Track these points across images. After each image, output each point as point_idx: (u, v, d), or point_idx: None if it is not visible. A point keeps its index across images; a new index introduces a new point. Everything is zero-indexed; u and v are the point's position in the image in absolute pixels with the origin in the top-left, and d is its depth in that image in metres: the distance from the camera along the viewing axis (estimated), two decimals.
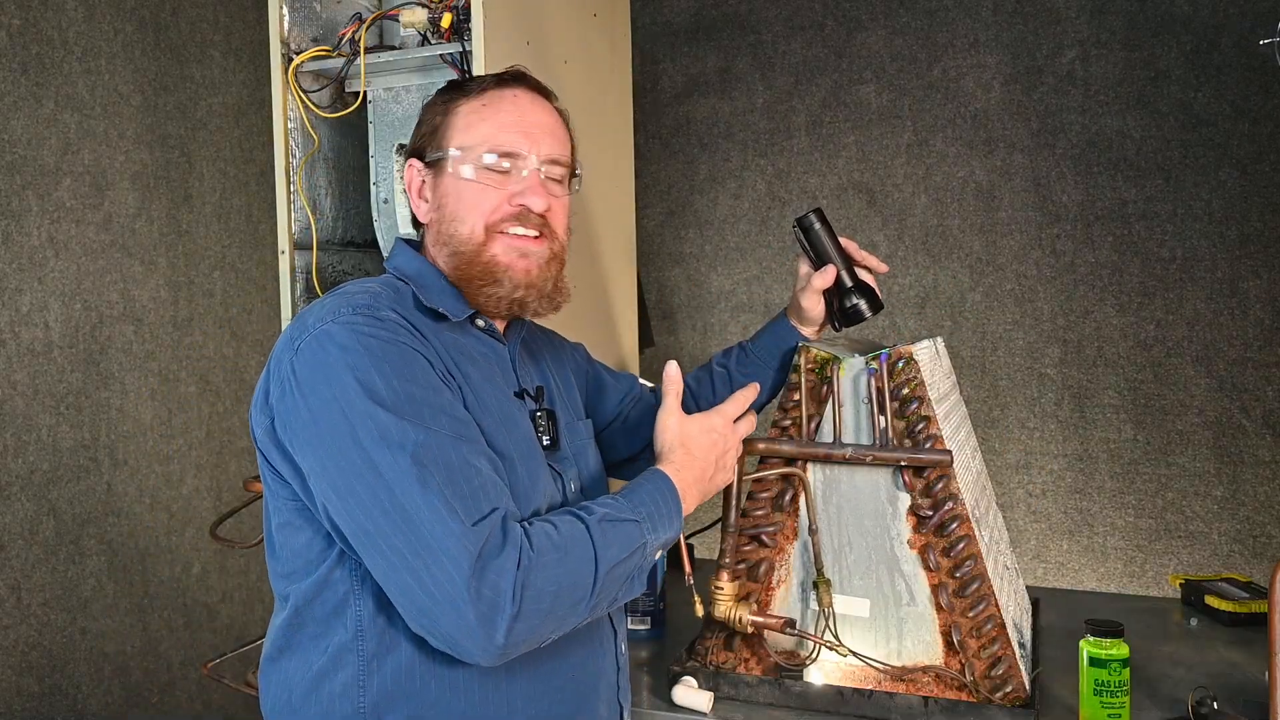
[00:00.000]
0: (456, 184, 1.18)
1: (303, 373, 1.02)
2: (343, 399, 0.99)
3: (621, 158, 2.13)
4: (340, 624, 1.07)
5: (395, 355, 1.03)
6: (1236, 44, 2.58)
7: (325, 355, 1.02)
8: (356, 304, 1.07)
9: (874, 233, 2.92)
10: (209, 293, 2.62)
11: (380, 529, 0.97)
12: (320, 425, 1.00)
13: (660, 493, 1.13)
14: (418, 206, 1.23)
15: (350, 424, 0.98)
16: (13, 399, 2.11)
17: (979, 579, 1.30)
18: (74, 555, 2.23)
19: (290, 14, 1.72)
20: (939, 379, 1.47)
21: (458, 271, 1.19)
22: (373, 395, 0.99)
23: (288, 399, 1.03)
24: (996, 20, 2.79)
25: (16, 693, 2.09)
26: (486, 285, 1.17)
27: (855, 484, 1.36)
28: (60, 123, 2.22)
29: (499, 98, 1.20)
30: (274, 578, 1.13)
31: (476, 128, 1.18)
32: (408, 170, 1.23)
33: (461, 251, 1.18)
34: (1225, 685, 1.42)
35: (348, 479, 0.98)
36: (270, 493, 1.11)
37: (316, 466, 1.01)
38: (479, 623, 0.94)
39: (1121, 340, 2.70)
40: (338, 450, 0.99)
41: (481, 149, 1.17)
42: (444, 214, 1.19)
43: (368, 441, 0.98)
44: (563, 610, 1.00)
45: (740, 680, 1.39)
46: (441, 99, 1.23)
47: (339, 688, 1.07)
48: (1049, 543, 2.77)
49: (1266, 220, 2.57)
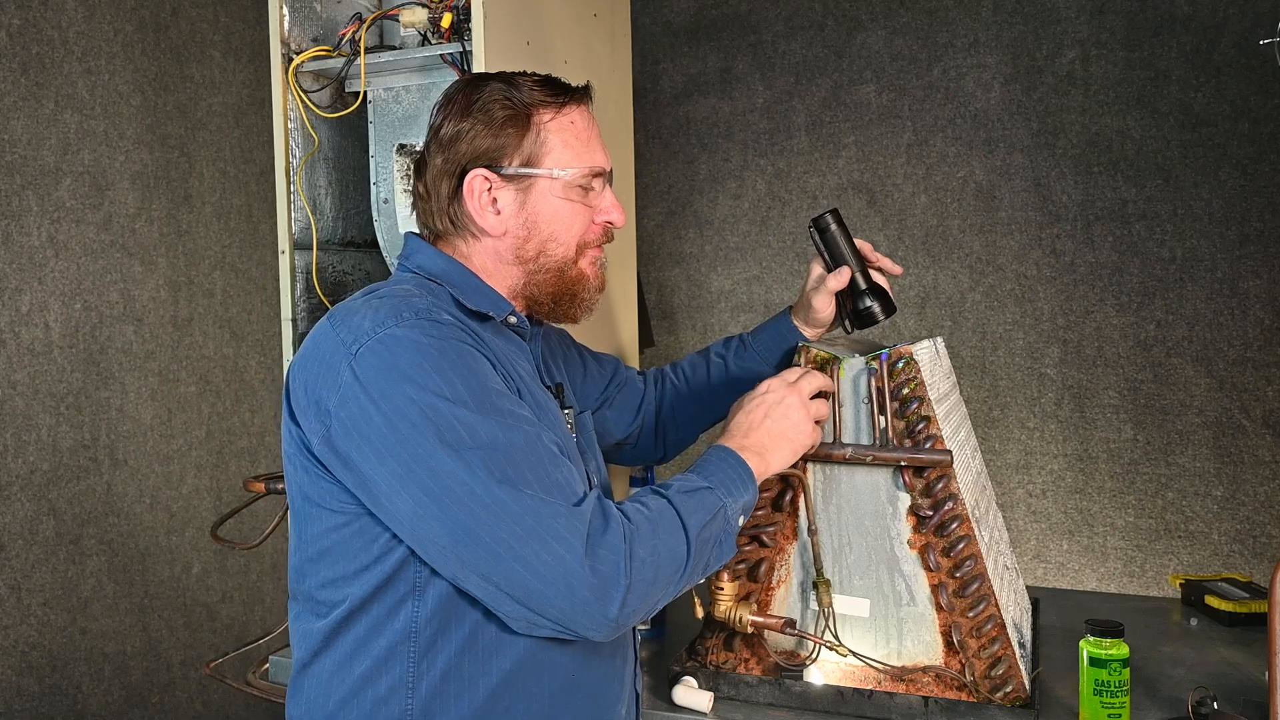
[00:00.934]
0: (552, 204, 1.18)
1: (369, 377, 1.00)
2: (421, 401, 0.99)
3: (622, 158, 2.13)
4: (391, 627, 1.06)
5: (464, 357, 1.03)
6: (1236, 44, 2.58)
7: (395, 359, 1.01)
8: (417, 308, 1.05)
9: (874, 233, 2.92)
10: (209, 293, 2.62)
11: (482, 524, 0.97)
12: (400, 430, 0.99)
13: (724, 461, 1.16)
14: (482, 216, 1.18)
15: (435, 426, 0.98)
16: (13, 399, 2.11)
17: (979, 579, 1.30)
18: (74, 555, 2.23)
19: (290, 14, 1.72)
20: (939, 379, 1.47)
21: (538, 287, 1.20)
22: (452, 396, 0.99)
23: (352, 404, 1.01)
24: (996, 20, 2.79)
25: (16, 693, 2.09)
26: (574, 300, 1.22)
27: (855, 484, 1.36)
28: (60, 123, 2.22)
29: (580, 114, 1.21)
30: (318, 584, 1.10)
31: (573, 148, 1.19)
32: (473, 179, 1.17)
33: (549, 268, 1.19)
34: (1225, 685, 1.42)
35: (440, 480, 0.98)
36: (318, 500, 1.08)
37: (395, 471, 0.99)
38: (595, 598, 0.97)
39: (1121, 340, 2.70)
40: (424, 453, 0.98)
41: (583, 173, 1.19)
42: (536, 232, 1.18)
43: (455, 441, 0.98)
44: (665, 577, 1.03)
45: (740, 680, 1.39)
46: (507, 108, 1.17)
47: (384, 691, 1.06)
48: (1049, 543, 2.77)
49: (1266, 220, 2.57)
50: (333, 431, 1.02)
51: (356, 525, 1.06)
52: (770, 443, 1.21)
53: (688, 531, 1.05)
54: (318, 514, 1.08)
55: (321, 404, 1.03)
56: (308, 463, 1.07)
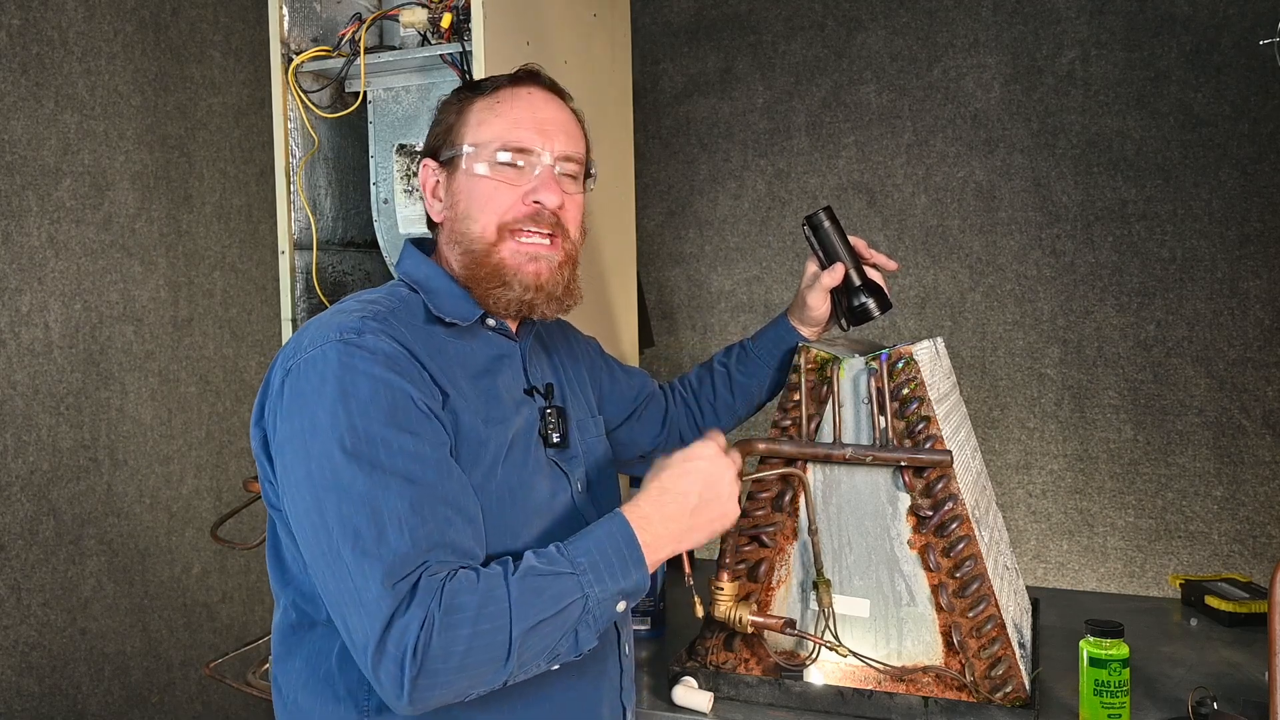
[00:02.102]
0: (469, 181, 1.17)
1: (287, 396, 1.04)
2: (307, 433, 1.01)
3: (621, 158, 2.12)
4: None
5: (368, 390, 1.01)
6: (1236, 44, 2.58)
7: (305, 384, 1.03)
8: (345, 326, 1.05)
9: (874, 233, 2.92)
10: (209, 293, 2.62)
11: (320, 566, 1.00)
12: (286, 453, 1.03)
13: (612, 539, 1.03)
14: (431, 206, 1.22)
15: (306, 460, 1.00)
16: (13, 399, 2.11)
17: (979, 579, 1.30)
18: (74, 555, 2.23)
19: (290, 14, 1.72)
20: (939, 379, 1.47)
21: (467, 271, 1.18)
22: (334, 433, 0.99)
23: (273, 418, 1.06)
24: (996, 20, 2.79)
25: (16, 693, 2.09)
26: (495, 287, 1.16)
27: (855, 484, 1.36)
28: (60, 123, 2.22)
29: (512, 95, 1.19)
30: (282, 586, 1.14)
31: (490, 124, 1.18)
32: (422, 169, 1.22)
33: (472, 250, 1.17)
34: (1225, 685, 1.42)
35: (300, 511, 1.01)
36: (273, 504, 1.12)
37: (284, 489, 1.04)
38: (386, 678, 0.94)
39: (1121, 340, 2.70)
40: (295, 481, 1.02)
41: (494, 145, 1.16)
42: (456, 212, 1.18)
43: (319, 480, 0.99)
44: (476, 668, 0.96)
45: (740, 680, 1.39)
46: (456, 98, 1.23)
47: (343, 691, 1.08)
48: (1049, 543, 2.77)
49: (1266, 220, 2.57)
50: (269, 438, 1.08)
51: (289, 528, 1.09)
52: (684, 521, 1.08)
53: (513, 623, 0.96)
54: (275, 515, 1.12)
55: (266, 412, 1.09)
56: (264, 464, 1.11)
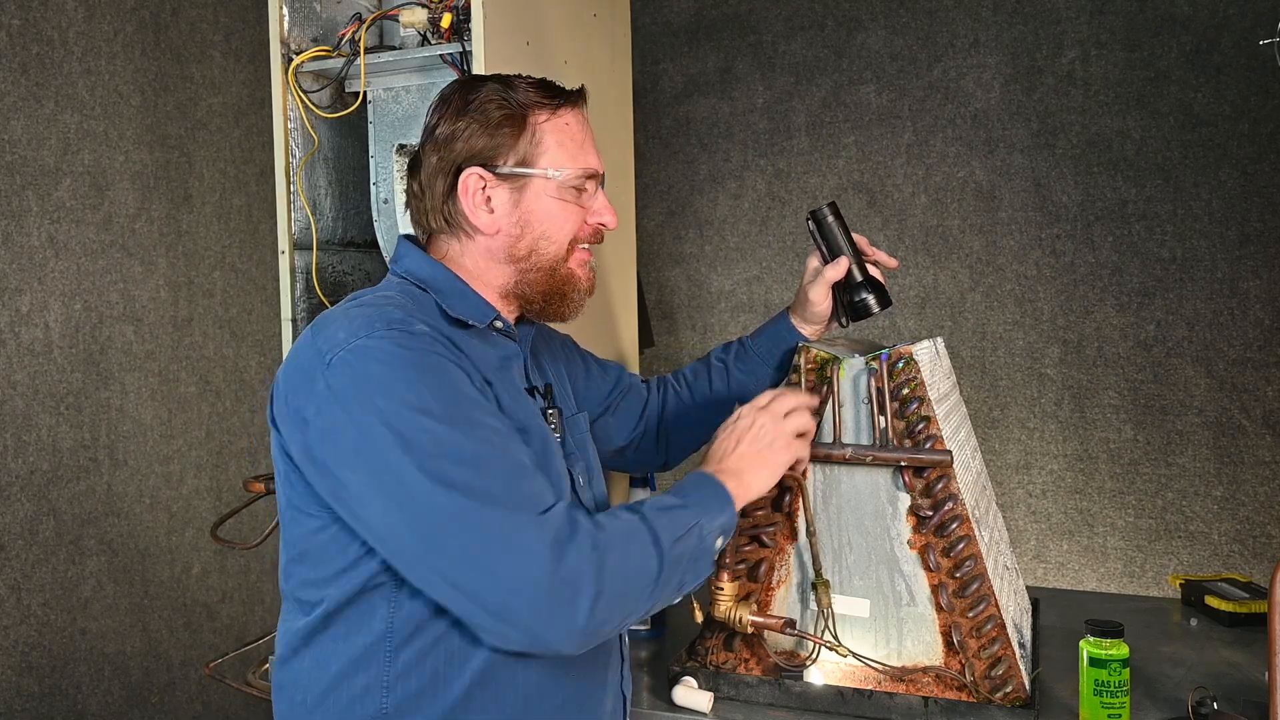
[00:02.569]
0: (546, 203, 1.19)
1: (341, 387, 1.02)
2: (390, 412, 0.99)
3: (622, 158, 2.12)
4: (368, 628, 1.07)
5: (434, 368, 1.04)
6: (1236, 44, 2.58)
7: (365, 370, 1.02)
8: (390, 318, 1.07)
9: (874, 233, 2.92)
10: (209, 293, 2.62)
11: (448, 533, 0.98)
12: (368, 442, 1.00)
13: (701, 483, 1.16)
14: (475, 215, 1.19)
15: (402, 436, 0.99)
16: (13, 399, 2.11)
17: (979, 579, 1.30)
18: (74, 555, 2.23)
19: (290, 14, 1.72)
20: (939, 379, 1.47)
21: (529, 285, 1.21)
22: (420, 406, 1.00)
23: (326, 414, 1.03)
24: (996, 20, 2.79)
25: (16, 693, 2.09)
26: (563, 299, 1.23)
27: (855, 484, 1.36)
28: (60, 123, 2.22)
29: (575, 116, 1.22)
30: (299, 584, 1.12)
31: (567, 149, 1.20)
32: (467, 177, 1.18)
33: (543, 267, 1.20)
34: (1225, 685, 1.42)
35: (407, 490, 0.99)
36: (300, 503, 1.10)
37: (365, 482, 1.01)
38: (562, 606, 0.96)
39: (1121, 340, 2.70)
40: (391, 463, 0.99)
41: (578, 173, 1.20)
42: (529, 231, 1.19)
43: (422, 452, 0.98)
44: (636, 590, 1.03)
45: (740, 680, 1.39)
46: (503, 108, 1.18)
47: (360, 689, 1.07)
48: (1049, 543, 2.77)
49: (1266, 220, 2.57)
50: (310, 440, 1.04)
51: (333, 530, 1.08)
52: (746, 466, 1.20)
53: (660, 545, 1.04)
54: (299, 517, 1.11)
55: (300, 413, 1.05)
56: (288, 468, 1.09)
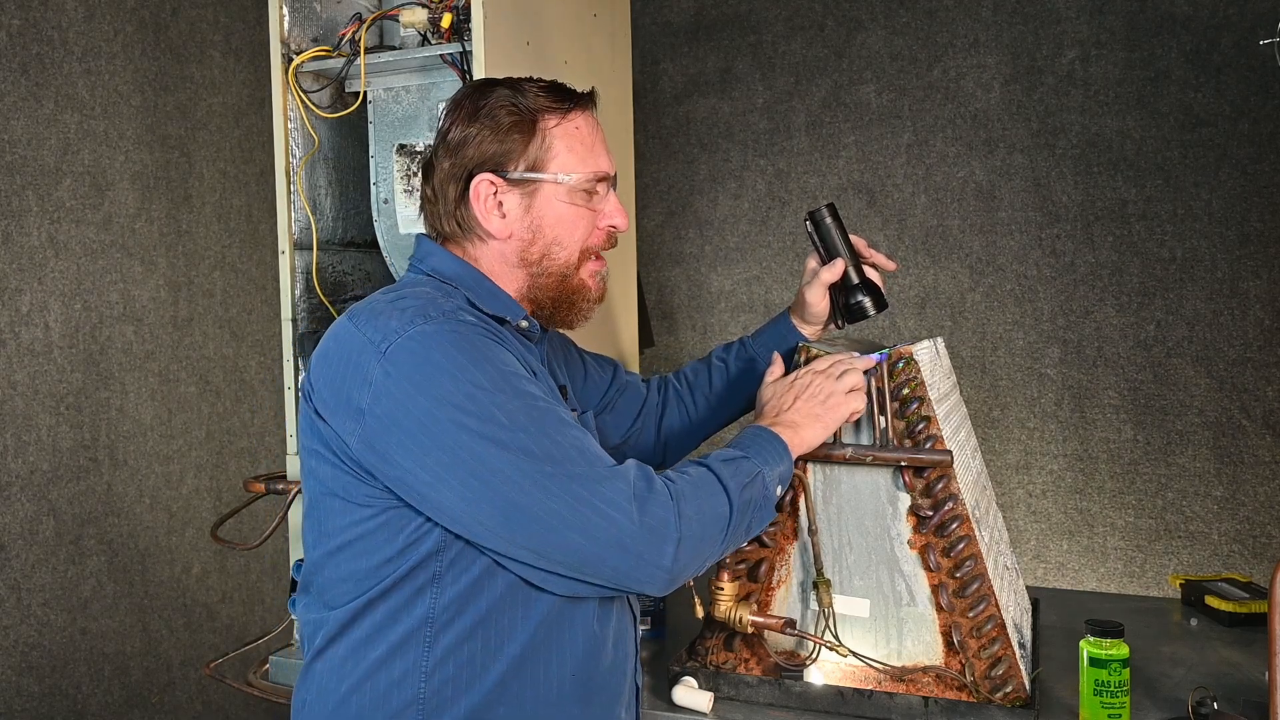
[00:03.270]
0: (557, 208, 1.20)
1: (404, 373, 1.03)
2: (459, 392, 1.02)
3: (622, 158, 2.13)
4: (409, 614, 1.08)
5: (490, 351, 1.07)
6: (1236, 44, 2.58)
7: (428, 354, 1.04)
8: (443, 308, 1.09)
9: (874, 233, 2.92)
10: (209, 293, 2.62)
11: (532, 500, 1.01)
12: (438, 423, 1.02)
13: (758, 435, 1.21)
14: (488, 220, 1.19)
15: (474, 414, 1.01)
16: (13, 399, 2.11)
17: (979, 579, 1.30)
18: (74, 555, 2.23)
19: (290, 14, 1.72)
20: (939, 379, 1.47)
21: (540, 291, 1.22)
22: (488, 384, 1.03)
23: (386, 401, 1.03)
24: (996, 20, 2.79)
25: (16, 693, 2.09)
26: (572, 307, 1.25)
27: (855, 484, 1.36)
28: (60, 123, 2.22)
29: (585, 120, 1.23)
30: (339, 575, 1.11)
31: (577, 153, 1.20)
32: (479, 183, 1.18)
33: (554, 273, 1.22)
34: (1225, 685, 1.42)
35: (485, 465, 1.01)
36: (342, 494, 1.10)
37: (443, 460, 1.02)
38: (651, 552, 1.03)
39: (1121, 340, 2.70)
40: (466, 441, 1.01)
41: (589, 177, 1.21)
42: (541, 236, 1.20)
43: (496, 426, 1.02)
44: (712, 535, 1.09)
45: (740, 680, 1.39)
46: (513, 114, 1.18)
47: (398, 675, 1.08)
48: (1049, 543, 2.77)
49: (1266, 220, 2.57)
50: (368, 429, 1.04)
51: (383, 518, 1.08)
52: (801, 419, 1.25)
53: (729, 493, 1.11)
54: (341, 507, 1.10)
55: (353, 403, 1.05)
56: (334, 458, 1.09)
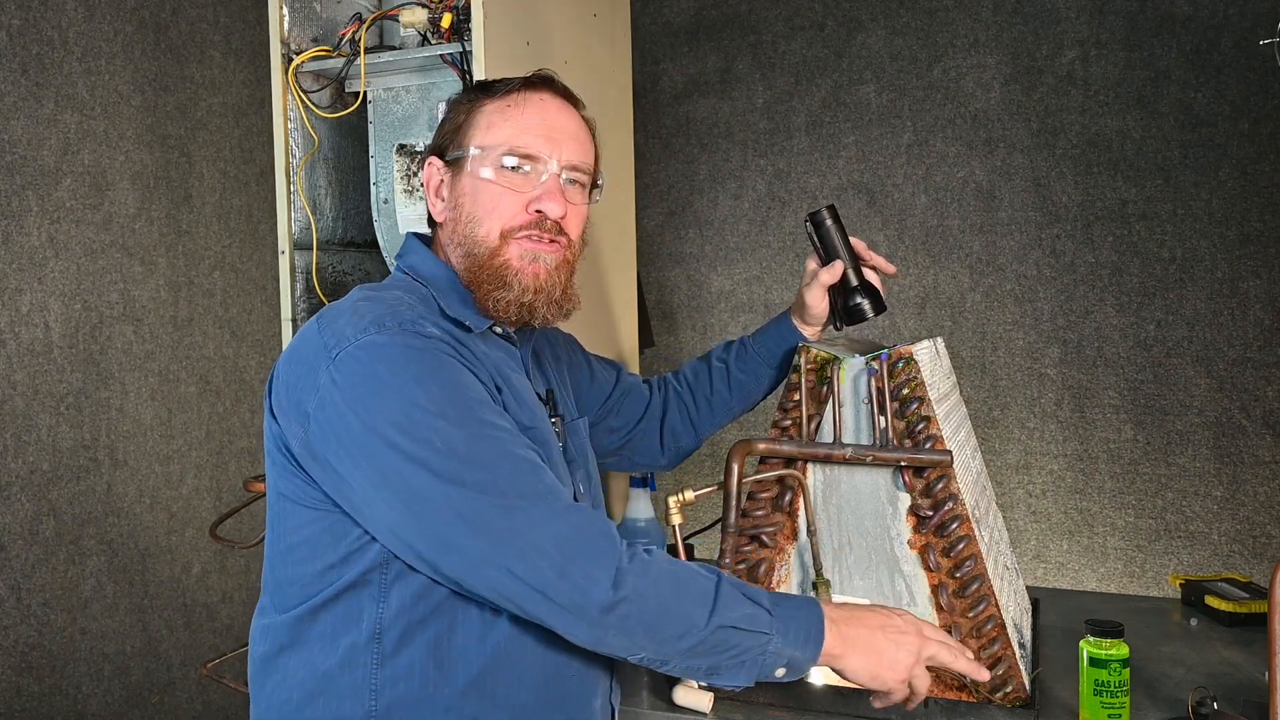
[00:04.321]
0: (474, 184, 1.17)
1: (348, 384, 1.01)
2: (397, 410, 0.99)
3: (621, 158, 2.12)
4: (356, 625, 1.06)
5: (445, 368, 1.03)
6: (1236, 44, 2.58)
7: (373, 366, 1.01)
8: (401, 317, 1.05)
9: (874, 233, 2.92)
10: (209, 293, 2.62)
11: (455, 532, 0.97)
12: (374, 438, 0.99)
13: (807, 616, 1.05)
14: (434, 205, 1.21)
15: (409, 435, 0.98)
16: (13, 399, 2.11)
17: (979, 579, 1.30)
18: (74, 555, 2.23)
19: (290, 14, 1.72)
20: (939, 379, 1.47)
21: (469, 274, 1.17)
22: (429, 405, 0.99)
23: (329, 409, 1.01)
24: (996, 20, 2.79)
25: (16, 693, 2.09)
26: (496, 289, 1.15)
27: (855, 484, 1.36)
28: (60, 123, 2.22)
29: (524, 100, 1.18)
30: (284, 579, 1.11)
31: (498, 128, 1.17)
32: (427, 168, 1.21)
33: (475, 254, 1.16)
34: (1225, 685, 1.42)
35: (414, 490, 0.98)
36: (292, 496, 1.09)
37: (374, 477, 0.99)
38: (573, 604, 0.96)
39: (1121, 340, 2.70)
40: (399, 462, 0.98)
41: (501, 149, 1.16)
42: (460, 214, 1.18)
43: (430, 450, 0.97)
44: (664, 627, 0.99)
45: None
46: (467, 98, 1.21)
47: (348, 689, 1.06)
48: (1049, 543, 2.77)
49: (1266, 220, 2.57)
50: (311, 434, 1.03)
51: (326, 523, 1.06)
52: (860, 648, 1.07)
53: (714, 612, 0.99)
54: (292, 509, 1.09)
55: (301, 406, 1.04)
56: (285, 460, 1.08)
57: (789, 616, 1.04)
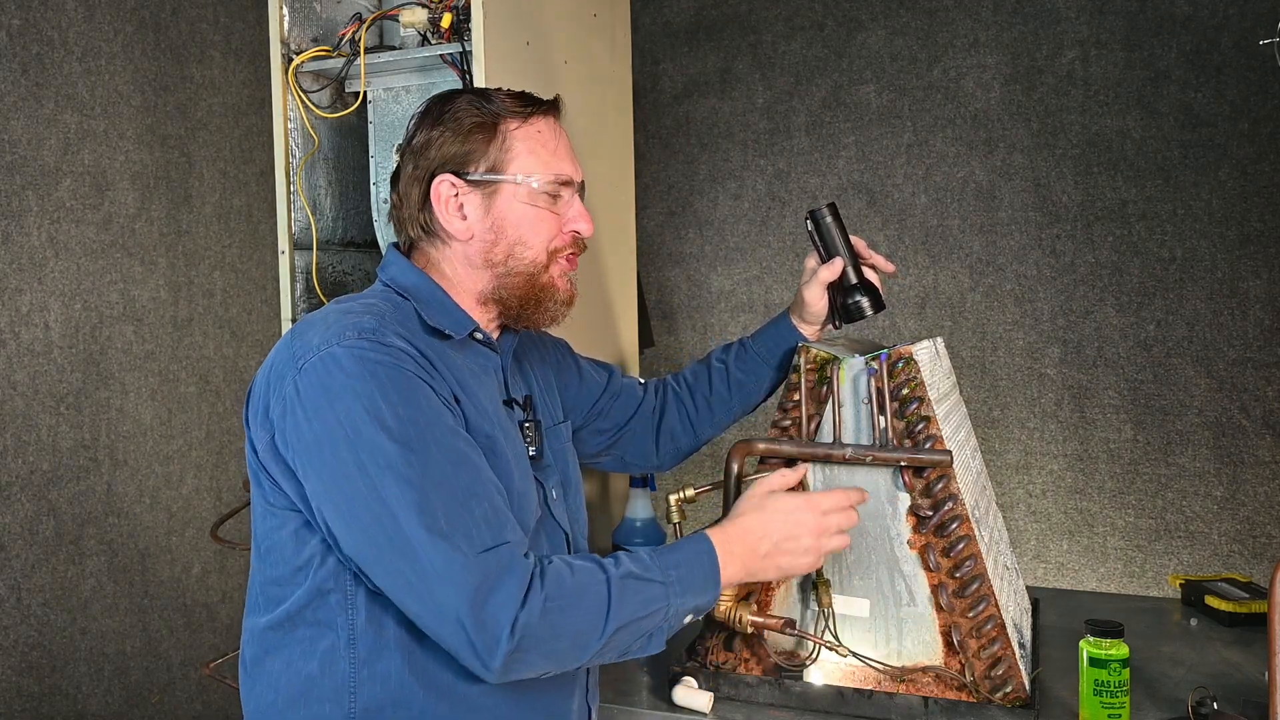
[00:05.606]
0: (517, 209, 1.20)
1: (307, 394, 1.04)
2: (348, 425, 1.01)
3: (621, 158, 2.12)
4: (331, 630, 1.09)
5: (400, 382, 1.04)
6: (1236, 44, 2.58)
7: (330, 379, 1.03)
8: (363, 327, 1.07)
9: (874, 233, 2.92)
10: (209, 293, 2.62)
11: (384, 555, 1.00)
12: (325, 449, 1.02)
13: (699, 558, 1.11)
14: (449, 221, 1.20)
15: (355, 451, 1.01)
16: (13, 399, 2.11)
17: (979, 579, 1.30)
18: (74, 555, 2.23)
19: (290, 14, 1.72)
20: (939, 379, 1.47)
21: (508, 291, 1.21)
22: (378, 423, 1.01)
23: (290, 417, 1.05)
24: (996, 20, 2.79)
25: (16, 693, 2.09)
26: (539, 306, 1.22)
27: (855, 484, 1.36)
28: (60, 123, 2.22)
29: (548, 125, 1.23)
30: (262, 582, 1.14)
31: (538, 155, 1.21)
32: (439, 184, 1.20)
33: (520, 273, 1.21)
34: (1225, 685, 1.42)
35: (352, 505, 1.01)
36: (263, 500, 1.12)
37: (319, 488, 1.04)
38: (479, 649, 0.98)
39: (1121, 340, 2.70)
40: (342, 476, 1.01)
41: (548, 179, 1.21)
42: (504, 237, 1.20)
43: (372, 469, 1.00)
44: (563, 652, 1.02)
45: (740, 680, 1.39)
46: (476, 116, 1.20)
47: (329, 692, 1.08)
48: (1049, 543, 2.77)
49: (1266, 220, 2.57)
50: (276, 440, 1.07)
51: (292, 527, 1.10)
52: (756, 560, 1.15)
53: (609, 619, 1.03)
54: (264, 511, 1.13)
55: (268, 412, 1.08)
56: (257, 466, 1.12)
57: (684, 577, 1.09)
